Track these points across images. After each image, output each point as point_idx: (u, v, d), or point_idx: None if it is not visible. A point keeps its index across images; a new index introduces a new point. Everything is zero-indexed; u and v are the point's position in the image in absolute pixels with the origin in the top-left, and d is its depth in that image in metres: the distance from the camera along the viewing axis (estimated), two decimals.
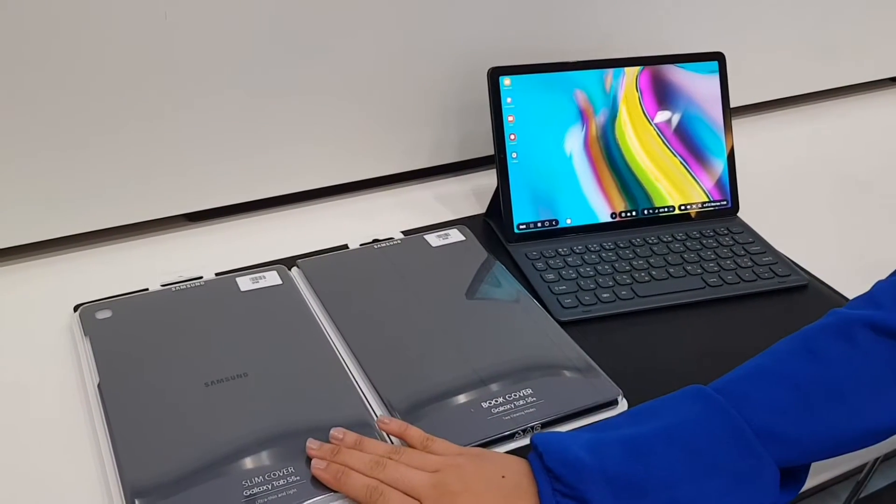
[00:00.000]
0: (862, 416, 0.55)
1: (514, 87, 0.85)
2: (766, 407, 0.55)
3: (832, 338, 0.58)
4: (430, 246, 0.83)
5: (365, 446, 0.58)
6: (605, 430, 0.57)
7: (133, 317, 0.71)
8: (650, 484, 0.52)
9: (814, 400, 0.55)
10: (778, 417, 0.55)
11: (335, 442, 0.59)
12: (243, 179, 0.87)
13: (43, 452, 0.61)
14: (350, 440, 0.59)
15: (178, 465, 0.57)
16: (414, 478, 0.55)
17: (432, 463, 0.56)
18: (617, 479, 0.52)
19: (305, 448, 0.58)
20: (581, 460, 0.53)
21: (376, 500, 0.54)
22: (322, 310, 0.74)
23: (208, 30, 0.77)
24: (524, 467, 0.56)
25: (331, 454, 0.57)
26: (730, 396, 0.56)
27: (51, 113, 0.74)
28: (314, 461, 0.57)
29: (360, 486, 0.55)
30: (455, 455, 0.57)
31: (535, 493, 0.54)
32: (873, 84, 1.32)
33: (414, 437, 0.59)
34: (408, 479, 0.55)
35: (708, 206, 0.90)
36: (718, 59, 0.90)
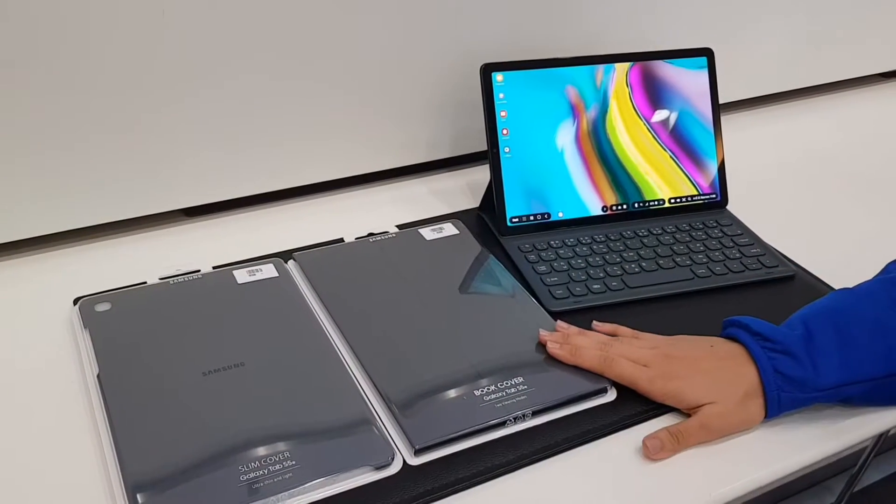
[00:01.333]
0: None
1: (506, 83, 0.86)
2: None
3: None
4: (425, 239, 0.84)
5: (589, 334, 0.69)
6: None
7: (132, 309, 0.73)
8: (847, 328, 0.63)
9: None
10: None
11: (561, 330, 0.70)
12: (240, 175, 0.89)
13: (43, 442, 0.62)
14: (575, 329, 0.70)
15: (176, 451, 0.59)
16: (638, 350, 0.66)
17: (650, 342, 0.67)
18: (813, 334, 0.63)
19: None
20: (779, 328, 0.64)
21: (610, 365, 0.65)
22: (318, 301, 0.75)
23: (205, 28, 0.79)
24: (727, 341, 0.66)
25: (562, 338, 0.68)
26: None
27: (49, 110, 0.76)
28: (549, 343, 0.68)
29: (593, 356, 0.66)
30: (665, 338, 0.68)
31: (746, 353, 0.64)
32: (862, 79, 1.33)
33: (625, 332, 0.70)
34: (633, 350, 0.66)
35: (697, 200, 0.91)
36: (707, 54, 0.92)
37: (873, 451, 1.08)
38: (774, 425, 0.65)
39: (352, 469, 0.58)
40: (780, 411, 0.63)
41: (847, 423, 0.66)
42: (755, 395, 0.63)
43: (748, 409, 0.63)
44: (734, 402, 0.62)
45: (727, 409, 0.62)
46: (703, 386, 0.63)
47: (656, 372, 0.65)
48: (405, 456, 0.61)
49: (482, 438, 0.62)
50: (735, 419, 0.63)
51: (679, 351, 0.66)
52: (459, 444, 0.62)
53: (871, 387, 0.63)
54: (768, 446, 0.64)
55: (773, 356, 0.63)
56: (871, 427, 0.66)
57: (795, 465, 0.63)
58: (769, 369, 0.62)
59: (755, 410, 0.63)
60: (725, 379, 0.63)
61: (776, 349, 0.63)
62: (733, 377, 0.63)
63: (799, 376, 0.62)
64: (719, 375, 0.63)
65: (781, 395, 0.62)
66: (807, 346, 0.63)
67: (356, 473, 0.59)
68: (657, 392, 0.64)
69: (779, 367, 0.62)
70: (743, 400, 0.62)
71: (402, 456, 0.60)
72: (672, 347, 0.66)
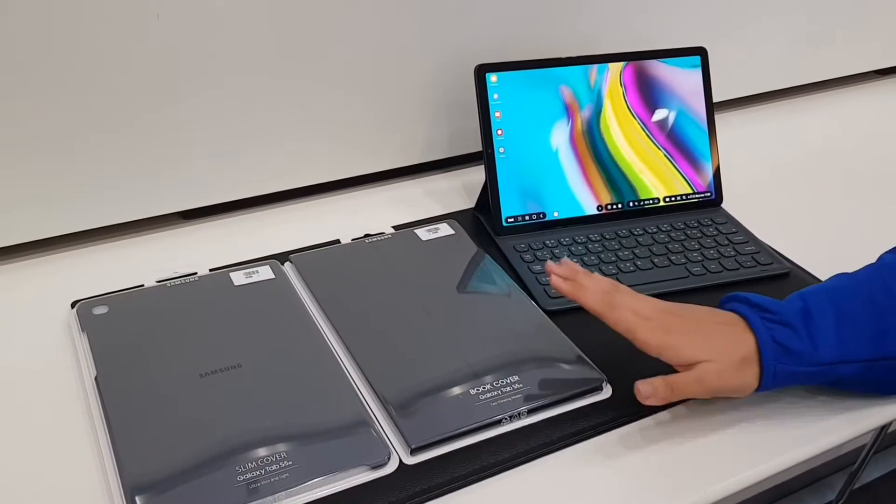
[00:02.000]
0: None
1: (500, 84, 0.86)
2: None
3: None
4: (420, 240, 0.85)
5: (596, 277, 0.67)
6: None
7: (129, 312, 0.73)
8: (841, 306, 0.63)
9: None
10: None
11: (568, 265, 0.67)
12: (237, 177, 0.89)
13: (41, 445, 0.62)
14: (583, 270, 0.67)
15: (174, 453, 0.59)
16: (641, 302, 0.65)
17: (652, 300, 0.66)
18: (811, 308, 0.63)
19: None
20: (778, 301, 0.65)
21: (612, 309, 0.64)
22: (314, 303, 0.76)
23: (200, 31, 0.79)
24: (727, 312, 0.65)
25: (569, 273, 0.66)
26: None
27: (46, 113, 0.76)
28: (554, 276, 0.66)
29: (597, 298, 0.64)
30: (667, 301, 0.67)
31: (745, 322, 0.63)
32: (858, 77, 1.33)
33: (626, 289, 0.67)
34: (636, 302, 0.65)
35: (692, 198, 0.92)
36: (700, 53, 0.92)
37: (873, 448, 1.08)
38: (771, 421, 0.66)
39: (348, 469, 0.59)
40: (774, 383, 0.62)
41: (844, 418, 0.66)
42: (752, 363, 0.62)
43: (744, 373, 0.62)
44: (731, 363, 0.62)
45: (723, 368, 0.62)
46: (701, 344, 0.62)
47: (657, 324, 0.63)
48: (401, 455, 0.61)
49: (478, 437, 0.63)
50: (731, 380, 0.62)
51: (681, 310, 0.66)
52: (455, 442, 0.62)
53: (863, 368, 0.63)
54: (766, 442, 0.64)
55: (772, 326, 0.62)
56: (868, 422, 0.67)
57: (791, 460, 0.64)
58: (767, 339, 0.62)
59: (750, 377, 0.62)
60: (724, 341, 0.63)
61: (775, 320, 0.63)
62: (732, 341, 0.63)
63: (797, 348, 0.62)
64: (718, 337, 0.63)
65: (777, 365, 0.62)
66: (805, 319, 0.63)
67: (353, 473, 0.59)
68: (655, 343, 0.62)
69: (777, 337, 0.62)
70: (740, 364, 0.62)
71: (398, 455, 0.61)
72: (673, 306, 0.66)
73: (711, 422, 0.66)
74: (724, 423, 0.66)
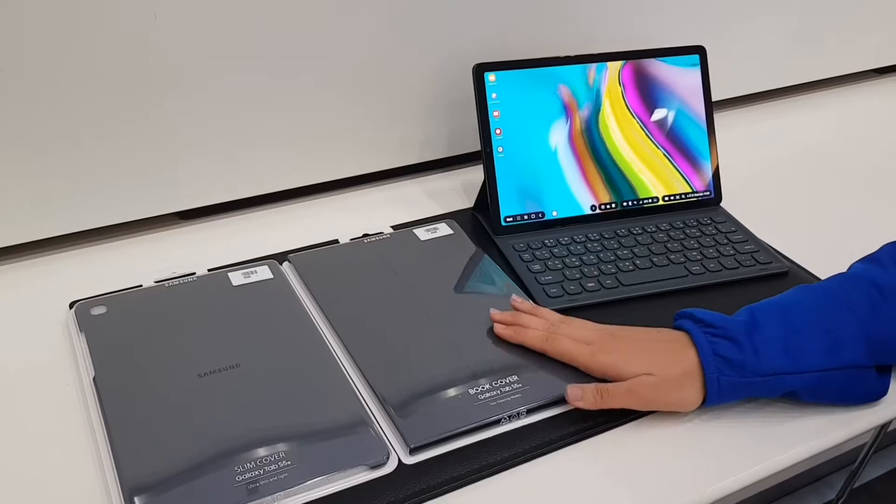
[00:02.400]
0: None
1: (498, 83, 0.86)
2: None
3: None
4: (419, 240, 0.85)
5: (540, 312, 0.71)
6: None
7: (127, 312, 0.73)
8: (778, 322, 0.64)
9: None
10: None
11: (515, 307, 0.72)
12: (235, 177, 0.89)
13: (39, 446, 0.62)
14: (527, 307, 0.72)
15: (172, 453, 0.59)
16: (582, 330, 0.67)
17: (597, 326, 0.68)
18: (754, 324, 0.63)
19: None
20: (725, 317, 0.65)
21: (552, 343, 0.67)
22: (313, 303, 0.76)
23: (198, 30, 0.79)
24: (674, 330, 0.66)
25: (511, 318, 0.70)
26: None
27: (43, 114, 0.76)
28: (496, 324, 0.70)
29: (536, 335, 0.68)
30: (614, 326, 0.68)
31: (689, 338, 0.64)
32: (856, 76, 1.33)
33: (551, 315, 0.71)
34: (577, 330, 0.67)
35: (691, 197, 0.92)
36: (699, 52, 0.92)
37: (872, 447, 1.08)
38: (770, 420, 0.66)
39: (347, 468, 0.59)
40: (720, 396, 0.63)
41: (844, 417, 0.66)
42: (694, 378, 0.63)
43: (684, 388, 0.63)
44: (669, 377, 0.63)
45: (659, 382, 0.62)
46: (640, 360, 0.63)
47: (597, 347, 0.65)
48: (400, 455, 0.61)
49: (477, 437, 0.62)
50: (666, 394, 0.63)
51: (623, 332, 0.67)
52: (454, 442, 0.62)
53: (816, 379, 0.63)
54: (765, 441, 0.64)
55: (714, 340, 0.63)
56: (868, 420, 0.67)
57: (790, 459, 0.64)
58: (709, 352, 0.62)
59: (692, 392, 0.63)
60: (665, 357, 0.63)
61: (717, 334, 0.63)
62: (673, 356, 0.63)
63: (738, 359, 0.62)
64: (659, 354, 0.64)
65: (721, 378, 0.62)
66: (749, 332, 0.63)
67: (352, 473, 0.59)
68: (595, 365, 0.65)
69: (718, 350, 0.62)
70: (680, 379, 0.63)
71: (397, 455, 0.61)
72: (618, 329, 0.67)
73: (711, 421, 0.66)
74: (723, 423, 0.66)
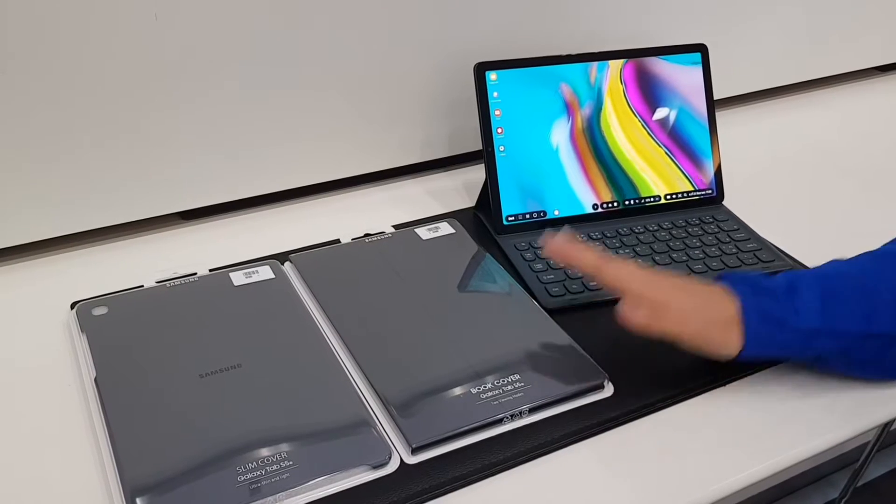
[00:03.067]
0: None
1: (500, 82, 0.86)
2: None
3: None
4: (421, 239, 0.85)
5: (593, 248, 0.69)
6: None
7: (129, 313, 0.73)
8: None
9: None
10: None
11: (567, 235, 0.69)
12: (236, 177, 0.89)
13: (41, 447, 0.62)
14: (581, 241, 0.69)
15: (174, 454, 0.59)
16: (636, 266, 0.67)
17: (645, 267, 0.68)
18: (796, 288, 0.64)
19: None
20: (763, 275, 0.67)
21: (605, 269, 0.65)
22: (314, 303, 0.75)
23: (199, 30, 0.79)
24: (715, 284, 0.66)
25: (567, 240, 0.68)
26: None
27: (45, 115, 0.76)
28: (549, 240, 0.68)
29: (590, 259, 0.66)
30: None
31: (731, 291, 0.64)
32: (859, 73, 1.33)
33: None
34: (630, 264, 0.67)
35: (693, 196, 0.91)
36: (701, 50, 0.92)
37: (876, 445, 1.08)
38: (772, 418, 0.66)
39: (349, 468, 0.59)
40: (757, 348, 0.63)
41: (846, 416, 0.66)
42: (735, 326, 0.63)
43: (726, 334, 0.63)
44: (715, 321, 0.64)
45: (707, 321, 0.64)
46: (689, 301, 0.65)
47: (650, 280, 0.66)
48: (402, 455, 0.61)
49: (479, 436, 0.62)
50: (711, 331, 0.64)
51: (672, 275, 0.68)
52: (456, 442, 0.62)
53: (850, 344, 0.64)
54: (768, 440, 0.64)
55: (756, 295, 0.64)
56: (871, 419, 0.67)
57: (794, 458, 0.63)
58: (750, 304, 0.63)
59: (733, 338, 0.63)
60: (710, 303, 0.64)
61: (758, 290, 0.64)
62: (717, 304, 0.64)
63: (778, 314, 0.63)
64: (705, 299, 0.65)
65: (760, 329, 0.63)
66: (789, 291, 0.64)
67: (353, 473, 0.59)
68: (649, 294, 0.65)
69: (760, 303, 0.63)
70: (724, 324, 0.63)
71: (399, 455, 0.61)
72: (666, 272, 0.69)
73: (713, 419, 0.66)
74: (725, 421, 0.66)
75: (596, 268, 0.66)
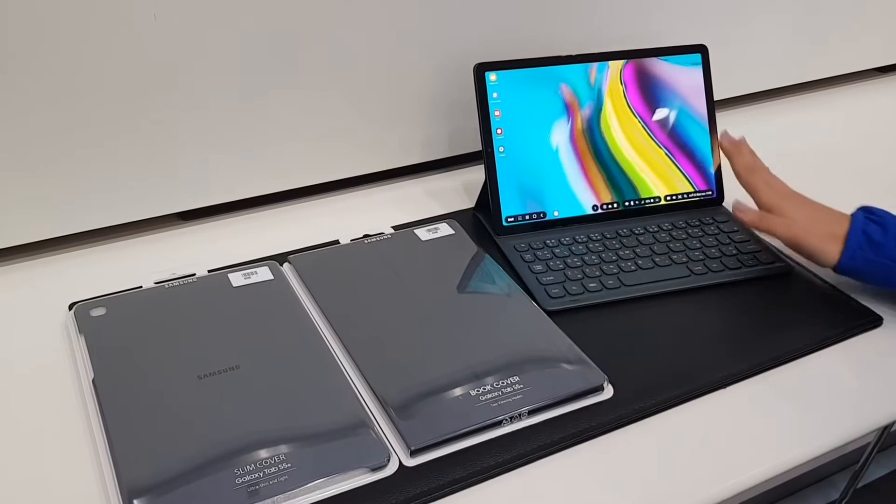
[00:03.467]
0: None
1: (499, 83, 0.86)
2: None
3: None
4: (420, 240, 0.84)
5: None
6: None
7: (127, 314, 0.72)
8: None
9: None
10: None
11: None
12: (235, 178, 0.89)
13: (38, 448, 0.62)
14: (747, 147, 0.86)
15: (172, 456, 0.58)
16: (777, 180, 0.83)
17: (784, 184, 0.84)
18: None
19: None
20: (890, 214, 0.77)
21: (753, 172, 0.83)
22: (313, 304, 0.75)
23: (198, 30, 0.78)
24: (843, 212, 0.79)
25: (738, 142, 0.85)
26: None
27: (43, 116, 0.76)
28: (724, 141, 0.85)
29: (743, 164, 0.83)
30: None
31: (849, 218, 0.77)
32: (859, 74, 1.33)
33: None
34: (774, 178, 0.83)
35: (693, 197, 0.91)
36: (701, 51, 0.91)
37: (876, 446, 1.07)
38: (773, 420, 0.66)
39: (348, 471, 0.58)
40: (852, 261, 0.75)
41: (848, 417, 0.66)
42: (838, 240, 0.76)
43: (825, 243, 0.76)
44: (818, 231, 0.77)
45: (809, 228, 0.77)
46: (803, 212, 0.79)
47: (781, 191, 0.81)
48: (401, 457, 0.60)
49: (478, 439, 0.62)
50: (811, 239, 0.76)
51: (802, 195, 0.81)
52: (455, 444, 0.61)
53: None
54: (769, 442, 0.64)
55: (868, 223, 0.76)
56: (873, 419, 0.67)
57: (793, 460, 0.63)
58: (859, 228, 0.75)
59: (832, 249, 0.76)
60: (824, 218, 0.78)
61: (873, 219, 0.76)
62: (829, 220, 0.78)
63: (879, 241, 0.74)
64: (820, 214, 0.79)
65: (857, 251, 0.74)
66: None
67: (352, 475, 0.59)
68: (770, 203, 0.80)
69: (867, 229, 0.75)
70: (826, 235, 0.76)
71: (397, 457, 0.60)
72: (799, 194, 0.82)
73: (714, 422, 0.65)
74: (726, 424, 0.65)
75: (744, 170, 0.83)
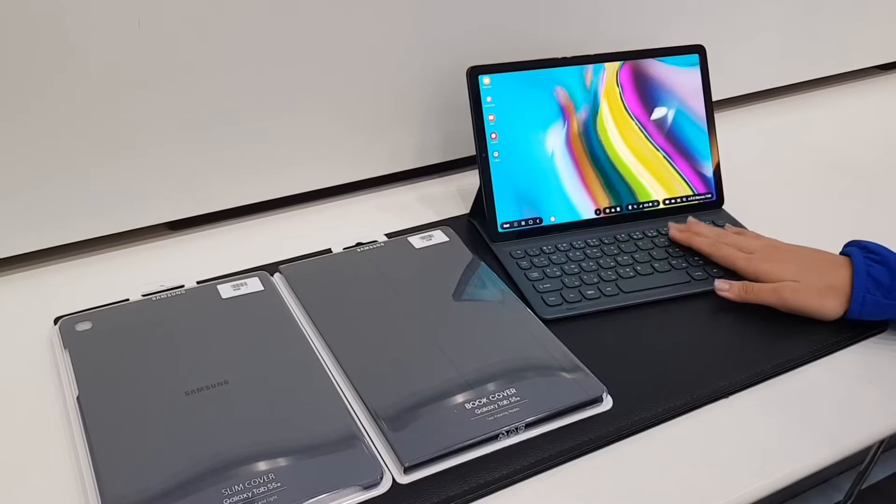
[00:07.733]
0: None
1: (493, 86, 0.84)
2: None
3: None
4: (414, 248, 0.83)
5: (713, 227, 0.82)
6: None
7: (113, 328, 0.71)
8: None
9: None
10: None
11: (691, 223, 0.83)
12: (224, 186, 0.87)
13: (21, 466, 0.60)
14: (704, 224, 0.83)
15: (158, 475, 0.57)
16: (748, 241, 0.78)
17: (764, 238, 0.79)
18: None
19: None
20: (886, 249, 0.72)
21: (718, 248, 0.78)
22: (304, 315, 0.73)
23: (185, 37, 0.77)
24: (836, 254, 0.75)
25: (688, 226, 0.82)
26: None
27: (30, 126, 0.74)
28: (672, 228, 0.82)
29: (705, 240, 0.79)
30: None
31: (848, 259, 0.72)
32: (859, 73, 1.32)
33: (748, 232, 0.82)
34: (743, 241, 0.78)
35: (693, 200, 0.89)
36: (699, 52, 0.90)
37: (880, 448, 1.06)
38: (775, 429, 0.64)
39: (339, 489, 0.57)
40: (862, 311, 0.70)
41: (854, 423, 0.65)
42: (840, 292, 0.71)
43: (824, 298, 0.71)
44: (812, 286, 0.71)
45: (802, 288, 0.71)
46: (792, 270, 0.73)
47: (757, 256, 0.75)
48: (394, 474, 0.59)
49: (474, 453, 0.60)
50: (806, 299, 0.71)
51: (786, 246, 0.77)
52: (450, 459, 0.60)
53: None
54: (769, 454, 0.62)
55: (871, 264, 0.71)
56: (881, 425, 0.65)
57: (798, 473, 0.62)
58: (863, 272, 0.70)
59: (833, 303, 0.71)
60: (815, 270, 0.72)
61: (875, 259, 0.71)
62: (825, 270, 0.72)
63: (887, 283, 0.70)
64: (813, 266, 0.73)
65: (867, 296, 0.70)
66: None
67: (344, 494, 0.57)
68: (751, 270, 0.74)
69: (872, 272, 0.70)
70: (823, 289, 0.71)
71: (391, 474, 0.59)
72: (781, 244, 0.77)
73: (716, 433, 0.64)
74: (728, 435, 0.64)
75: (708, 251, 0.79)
